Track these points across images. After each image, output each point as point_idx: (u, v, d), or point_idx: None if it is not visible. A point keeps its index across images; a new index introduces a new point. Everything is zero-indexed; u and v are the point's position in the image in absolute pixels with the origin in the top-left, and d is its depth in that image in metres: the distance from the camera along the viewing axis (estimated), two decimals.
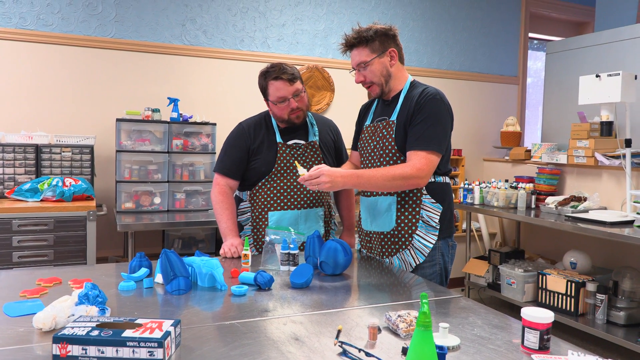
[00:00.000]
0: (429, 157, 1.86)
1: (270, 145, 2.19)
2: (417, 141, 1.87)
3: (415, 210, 1.94)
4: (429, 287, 1.73)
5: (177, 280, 1.55)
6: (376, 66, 1.95)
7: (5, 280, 1.68)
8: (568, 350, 1.16)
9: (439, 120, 1.89)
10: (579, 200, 3.61)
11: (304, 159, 2.21)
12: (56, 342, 1.06)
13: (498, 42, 4.91)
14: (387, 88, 1.99)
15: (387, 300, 1.56)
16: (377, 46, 1.94)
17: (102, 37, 3.49)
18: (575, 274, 3.51)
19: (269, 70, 2.14)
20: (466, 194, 4.09)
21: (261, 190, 2.19)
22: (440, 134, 1.89)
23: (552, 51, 4.54)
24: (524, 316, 1.17)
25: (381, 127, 1.99)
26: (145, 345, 1.04)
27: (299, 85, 2.15)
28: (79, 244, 2.87)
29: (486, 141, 4.94)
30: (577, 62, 4.28)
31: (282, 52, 4.02)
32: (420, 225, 1.94)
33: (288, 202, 2.17)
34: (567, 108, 4.29)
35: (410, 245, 1.95)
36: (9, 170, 3.06)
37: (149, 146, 3.37)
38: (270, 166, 2.17)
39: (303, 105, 2.17)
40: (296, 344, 1.19)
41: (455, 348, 1.17)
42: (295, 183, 2.17)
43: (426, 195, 1.94)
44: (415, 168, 1.84)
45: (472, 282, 4.27)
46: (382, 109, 2.05)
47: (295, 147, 2.21)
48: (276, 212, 2.16)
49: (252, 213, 2.21)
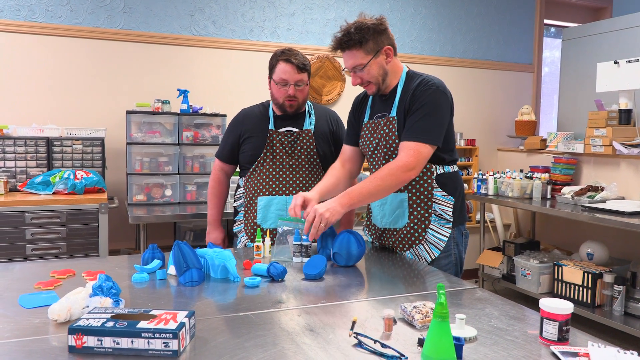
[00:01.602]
0: (418, 148, 1.80)
1: (262, 131, 2.25)
2: (407, 132, 1.84)
3: (428, 205, 1.92)
4: (444, 278, 1.73)
5: (190, 272, 1.56)
6: (373, 67, 1.88)
7: (19, 272, 1.70)
8: (588, 341, 1.15)
9: (434, 111, 1.83)
10: (596, 190, 3.57)
11: (295, 147, 2.24)
12: (72, 333, 1.07)
13: (513, 28, 4.85)
14: (384, 85, 1.94)
15: (402, 292, 1.56)
16: (372, 46, 1.86)
17: (110, 29, 3.50)
18: (592, 265, 3.48)
19: (284, 51, 2.19)
20: (480, 185, 4.06)
21: (252, 177, 2.26)
22: (434, 125, 1.83)
23: (568, 37, 4.48)
24: (543, 307, 1.16)
25: (382, 124, 1.95)
26: (160, 337, 1.05)
27: (305, 77, 2.20)
28: (91, 236, 2.90)
29: (500, 131, 4.89)
30: (594, 49, 4.22)
31: (292, 41, 4.01)
32: (433, 220, 1.92)
33: (277, 187, 2.21)
34: (584, 96, 4.23)
35: (425, 240, 1.93)
36: (20, 163, 3.09)
37: (160, 138, 3.39)
38: (258, 151, 2.23)
39: (301, 96, 2.21)
40: (311, 335, 1.19)
41: (472, 339, 1.17)
42: (284, 169, 2.22)
43: (437, 189, 1.91)
44: (401, 162, 1.79)
45: (486, 273, 4.25)
46: (379, 104, 2.00)
47: (287, 134, 2.24)
48: (264, 197, 2.21)
49: (245, 198, 2.29)
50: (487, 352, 1.11)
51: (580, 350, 1.11)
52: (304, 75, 2.19)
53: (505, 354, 1.11)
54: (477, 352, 1.11)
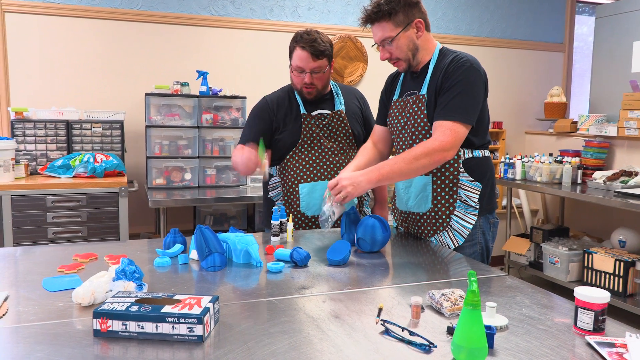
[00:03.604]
0: (454, 127, 1.75)
1: (295, 117, 2.20)
2: (442, 111, 1.79)
3: (453, 190, 1.87)
4: (471, 265, 1.71)
5: (212, 257, 1.57)
6: (402, 41, 1.84)
7: (41, 255, 1.73)
8: (625, 332, 1.13)
9: (469, 89, 1.78)
10: (629, 175, 3.49)
11: (331, 129, 2.21)
12: (96, 317, 1.08)
13: (543, 6, 4.72)
14: (415, 62, 1.89)
15: (428, 279, 1.54)
16: (401, 18, 1.81)
17: (129, 10, 3.51)
18: (625, 253, 3.42)
19: (302, 36, 2.12)
20: (507, 169, 4.01)
21: (290, 164, 2.20)
22: (469, 104, 1.78)
23: (602, 15, 4.34)
24: (578, 296, 1.14)
25: (411, 102, 1.91)
26: (184, 322, 1.06)
27: (323, 63, 2.13)
28: (111, 220, 2.94)
29: (529, 113, 4.80)
30: (629, 27, 4.08)
31: (313, 21, 3.97)
32: (458, 206, 1.88)
33: (318, 172, 2.18)
34: (618, 76, 4.12)
35: (449, 226, 1.89)
36: (41, 146, 3.14)
37: (179, 121, 3.40)
38: (296, 137, 2.18)
39: (320, 83, 2.16)
40: (336, 322, 1.19)
41: (503, 328, 1.15)
42: (324, 153, 2.18)
43: (464, 174, 1.86)
44: (438, 141, 1.75)
45: (512, 260, 4.21)
46: (410, 82, 1.97)
47: (321, 117, 2.21)
48: (307, 184, 2.17)
49: (283, 187, 2.23)
50: (519, 342, 1.10)
51: (618, 341, 1.08)
52: (321, 61, 2.11)
53: (538, 344, 1.09)
54: (509, 342, 1.10)
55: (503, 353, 1.05)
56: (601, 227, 4.10)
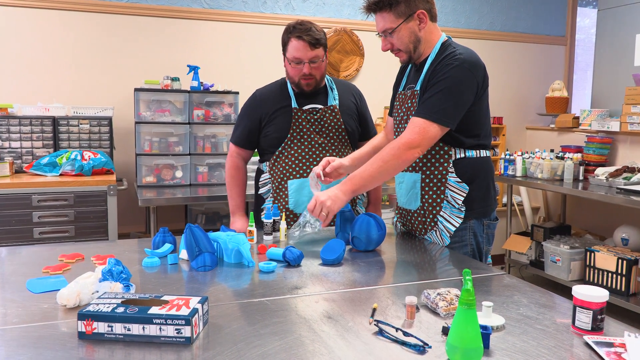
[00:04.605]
0: (425, 126, 1.74)
1: (285, 111, 2.21)
2: (419, 107, 1.79)
3: (440, 190, 1.87)
4: (468, 264, 1.71)
5: (202, 256, 1.57)
6: (404, 32, 1.83)
7: (27, 256, 1.73)
8: (624, 331, 1.13)
9: (452, 89, 1.75)
10: (632, 171, 3.51)
11: (322, 124, 2.21)
12: (81, 318, 1.08)
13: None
14: (417, 54, 1.88)
15: (424, 278, 1.55)
16: (403, 9, 1.80)
17: (117, 2, 3.50)
18: (627, 251, 3.44)
19: (295, 27, 2.13)
20: (507, 166, 4.02)
21: (279, 160, 2.21)
22: (448, 104, 1.75)
23: (604, 7, 4.35)
24: (576, 295, 1.15)
25: (409, 95, 1.92)
26: (172, 323, 1.06)
27: (320, 52, 2.14)
28: (99, 219, 2.94)
29: (529, 108, 4.81)
30: (633, 19, 4.10)
31: (308, 14, 3.96)
32: (444, 206, 1.87)
33: (308, 169, 2.18)
34: (621, 70, 4.13)
35: (436, 226, 1.89)
36: (26, 143, 3.13)
37: (169, 117, 3.39)
38: (284, 132, 2.19)
39: (318, 73, 2.18)
40: (329, 323, 1.19)
41: (500, 328, 1.16)
42: (314, 149, 2.19)
43: (452, 174, 1.85)
44: (403, 139, 1.75)
45: (513, 259, 4.22)
46: (413, 75, 1.97)
47: (312, 111, 2.21)
48: (295, 180, 2.18)
49: (272, 184, 2.24)
50: (515, 342, 1.10)
51: (616, 341, 1.09)
52: (318, 50, 2.13)
53: (535, 344, 1.10)
54: (505, 342, 1.10)
55: (499, 353, 1.05)
56: (603, 225, 4.12)
